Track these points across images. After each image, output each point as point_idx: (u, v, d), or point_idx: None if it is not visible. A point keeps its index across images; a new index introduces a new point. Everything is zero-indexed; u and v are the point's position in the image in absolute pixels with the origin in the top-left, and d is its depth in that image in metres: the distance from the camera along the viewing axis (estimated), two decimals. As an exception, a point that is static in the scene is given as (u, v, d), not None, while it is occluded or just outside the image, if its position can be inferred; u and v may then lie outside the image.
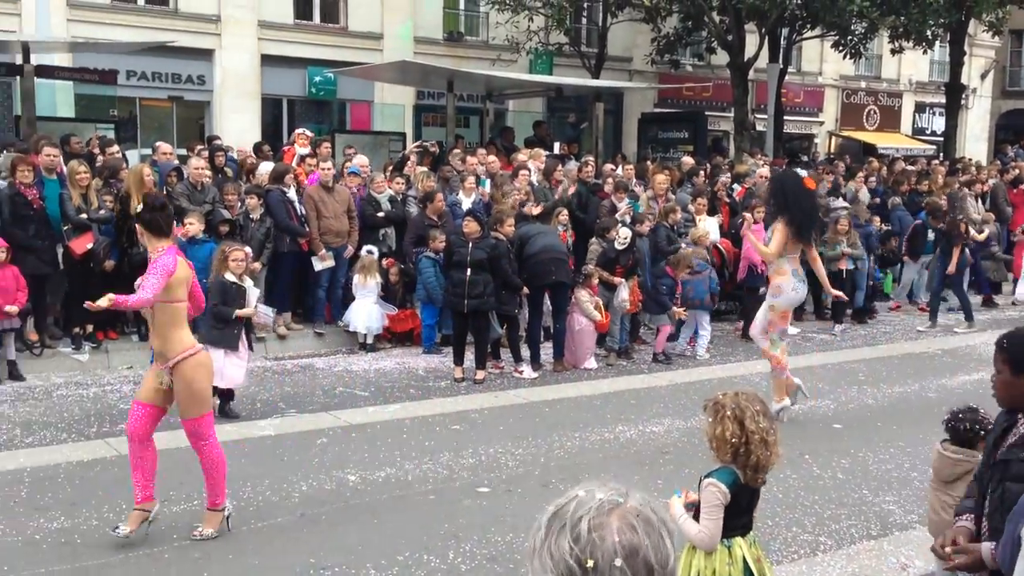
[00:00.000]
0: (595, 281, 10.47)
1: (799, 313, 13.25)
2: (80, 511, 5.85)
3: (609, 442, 7.68)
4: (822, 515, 6.14)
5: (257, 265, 10.40)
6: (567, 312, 10.36)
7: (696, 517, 3.70)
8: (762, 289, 9.80)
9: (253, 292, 8.44)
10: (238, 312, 8.07)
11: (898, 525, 5.97)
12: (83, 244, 9.49)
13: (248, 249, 8.76)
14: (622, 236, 10.58)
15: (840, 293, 9.60)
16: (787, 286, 8.11)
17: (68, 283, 9.84)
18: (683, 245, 11.54)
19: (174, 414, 5.65)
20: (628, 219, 11.32)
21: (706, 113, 22.81)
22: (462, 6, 22.91)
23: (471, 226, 9.58)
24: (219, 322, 8.00)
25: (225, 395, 8.17)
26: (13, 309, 8.79)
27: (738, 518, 3.74)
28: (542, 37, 21.48)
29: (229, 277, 8.13)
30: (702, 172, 14.49)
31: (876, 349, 11.88)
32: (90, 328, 9.90)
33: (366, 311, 10.82)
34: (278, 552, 5.40)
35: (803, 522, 6.00)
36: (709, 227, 12.11)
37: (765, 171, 14.18)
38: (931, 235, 13.66)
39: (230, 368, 8.01)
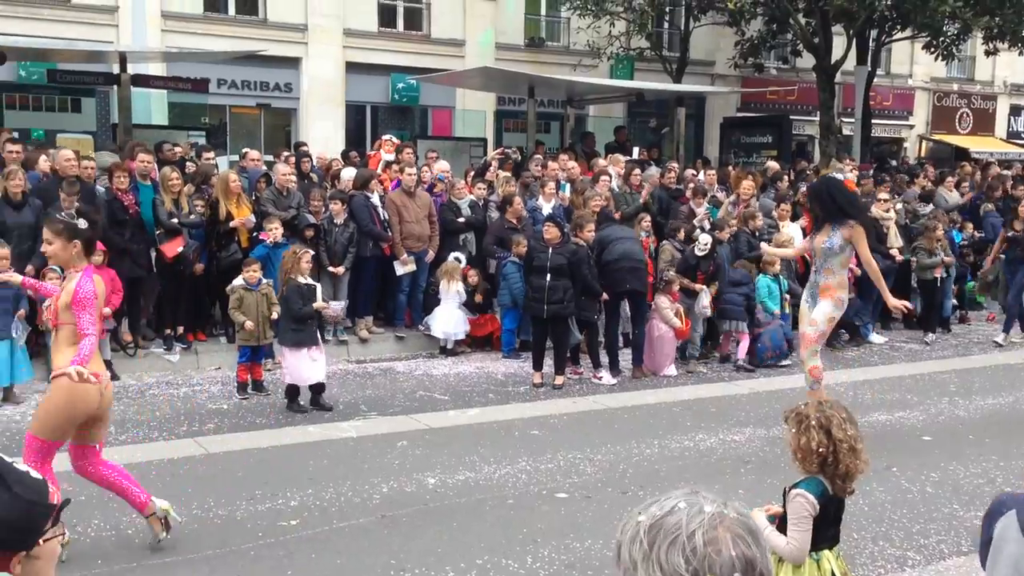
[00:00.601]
0: (675, 288, 10.38)
1: (886, 322, 12.97)
2: (175, 508, 6.01)
3: (689, 450, 7.61)
4: (910, 530, 5.97)
5: (341, 269, 10.60)
6: (647, 319, 10.30)
7: (780, 529, 3.64)
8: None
9: (319, 290, 8.79)
10: (314, 306, 8.50)
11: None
12: (174, 248, 9.79)
13: (311, 252, 9.09)
14: (702, 242, 10.48)
15: (903, 304, 8.28)
16: (847, 296, 7.86)
17: (160, 286, 10.15)
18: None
19: (258, 416, 5.76)
20: (706, 224, 11.21)
21: (791, 117, 22.43)
22: (543, 12, 22.99)
23: (552, 232, 9.59)
24: (298, 323, 8.36)
25: (316, 390, 8.53)
26: (106, 311, 9.08)
27: (826, 530, 3.67)
28: (623, 42, 21.40)
29: (301, 279, 8.50)
30: (786, 177, 14.25)
31: (967, 360, 11.51)
32: (181, 330, 10.20)
33: (448, 316, 10.92)
34: (359, 552, 5.48)
35: (891, 536, 5.85)
36: (792, 233, 11.90)
37: (852, 176, 13.88)
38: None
39: (312, 366, 8.40)
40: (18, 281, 6.30)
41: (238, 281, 9.00)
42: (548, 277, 9.43)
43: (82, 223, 5.21)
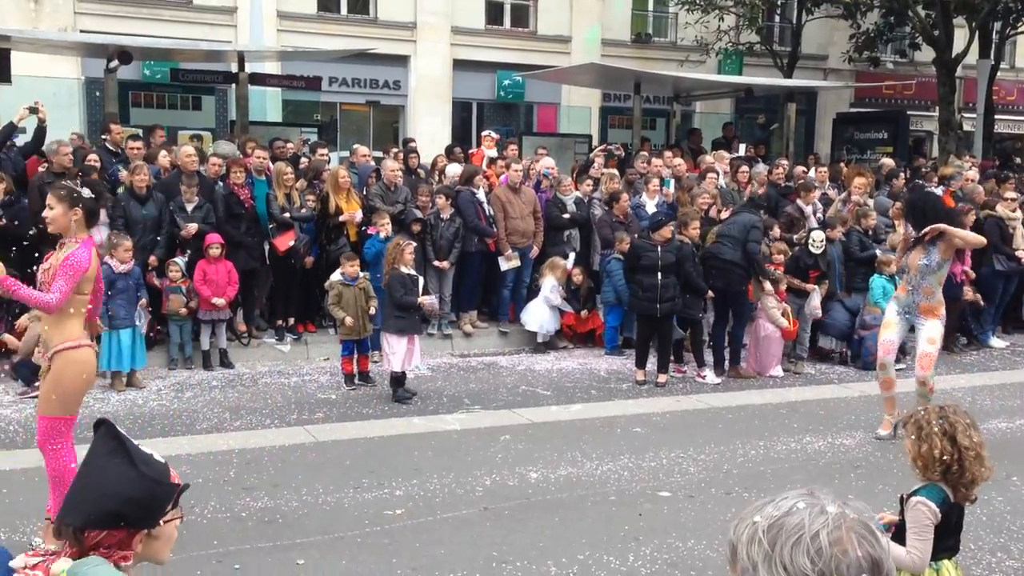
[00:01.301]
0: (783, 287, 10.18)
1: (1008, 326, 12.44)
2: (282, 492, 6.22)
3: (795, 452, 7.46)
4: (1030, 542, 5.73)
5: (446, 264, 10.75)
6: (751, 318, 10.13)
7: (896, 538, 3.54)
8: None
9: (421, 281, 9.03)
10: (420, 300, 8.73)
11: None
12: (286, 241, 10.08)
13: (414, 243, 9.28)
14: (817, 240, 10.25)
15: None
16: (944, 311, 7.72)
17: (273, 278, 10.48)
18: (879, 252, 11.03)
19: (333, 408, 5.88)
20: (814, 223, 10.97)
21: (908, 112, 21.66)
22: (651, 7, 22.80)
23: (664, 232, 9.53)
24: (402, 311, 8.60)
25: (398, 380, 8.74)
26: (220, 301, 9.44)
27: (946, 539, 3.56)
28: (732, 37, 21.04)
29: (404, 269, 8.72)
30: (901, 175, 13.78)
31: (1096, 366, 10.96)
32: (291, 321, 10.51)
33: (540, 311, 10.94)
34: (462, 543, 5.56)
35: (1009, 548, 5.62)
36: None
37: (973, 173, 13.33)
38: None
39: (412, 353, 8.69)
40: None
41: (335, 276, 9.22)
42: (659, 276, 9.40)
43: (86, 192, 5.17)
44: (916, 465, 3.55)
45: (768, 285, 9.94)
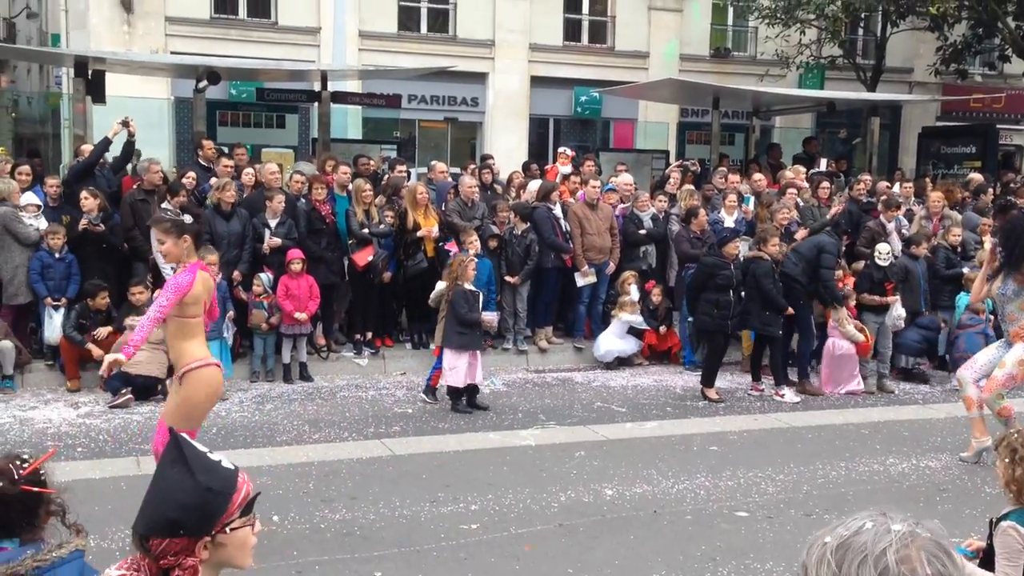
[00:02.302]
0: (852, 302, 10.03)
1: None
2: (359, 505, 6.31)
3: (878, 474, 7.29)
4: None
5: (517, 279, 10.79)
6: (810, 334, 10.10)
7: (984, 564, 3.44)
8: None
9: (481, 297, 9.16)
10: (483, 316, 8.91)
11: None
12: (364, 256, 10.24)
13: (475, 260, 9.40)
14: (883, 253, 10.06)
15: None
16: None
17: (351, 292, 10.65)
18: (966, 269, 10.75)
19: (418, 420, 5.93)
20: (896, 240, 10.80)
21: (997, 126, 21.04)
22: (730, 22, 22.62)
23: (731, 248, 9.57)
24: (465, 327, 8.73)
25: (472, 391, 8.91)
26: (302, 316, 9.63)
27: None
28: (814, 50, 20.74)
29: (467, 286, 8.85)
30: (990, 190, 13.40)
31: None
32: (369, 335, 10.66)
33: (610, 342, 10.88)
34: (537, 559, 5.56)
35: (1105, 579, 5.40)
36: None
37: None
38: None
39: (473, 367, 8.81)
40: (123, 359, 5.42)
41: (441, 287, 9.30)
42: (732, 293, 9.45)
43: (187, 218, 5.41)
44: (1010, 489, 3.45)
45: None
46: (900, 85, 22.73)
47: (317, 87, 14.60)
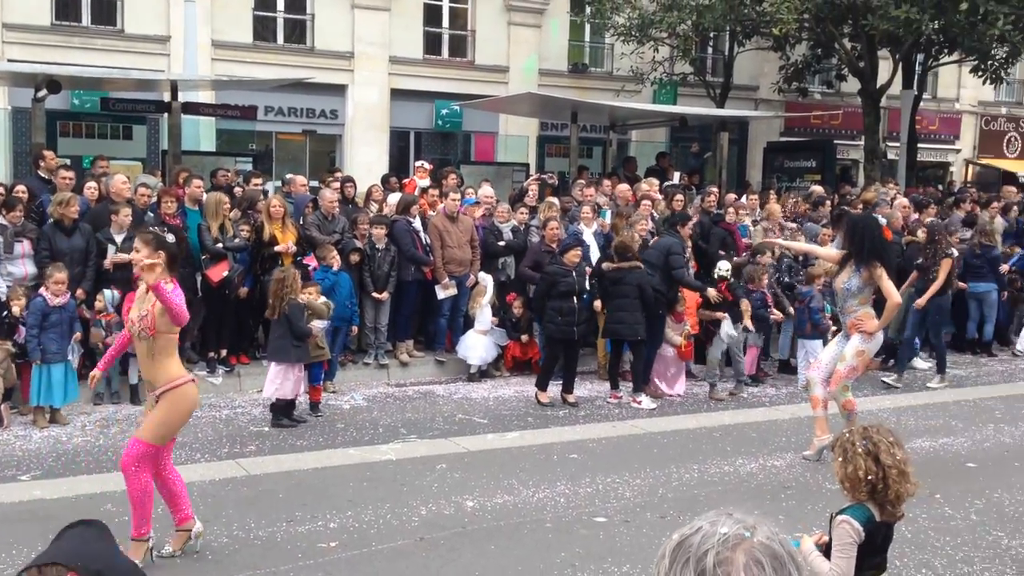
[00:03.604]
0: (680, 308, 10.41)
1: (931, 349, 12.78)
2: (212, 528, 6.09)
3: (729, 475, 7.55)
4: (954, 557, 5.87)
5: (385, 295, 10.71)
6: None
7: (827, 555, 3.60)
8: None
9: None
10: (313, 324, 8.89)
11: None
12: (219, 272, 9.95)
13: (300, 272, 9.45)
14: (722, 269, 10.47)
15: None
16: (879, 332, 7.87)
17: (205, 309, 10.32)
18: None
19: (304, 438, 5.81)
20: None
21: (835, 142, 22.25)
22: (587, 38, 23.11)
23: (572, 256, 9.88)
24: (298, 339, 8.71)
25: (290, 405, 8.87)
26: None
27: (872, 557, 3.63)
28: (667, 67, 21.43)
29: (302, 299, 8.87)
30: (829, 202, 14.14)
31: (1014, 386, 11.30)
32: (224, 352, 10.35)
33: (476, 342, 10.95)
34: (398, 574, 5.51)
35: (933, 564, 5.75)
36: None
37: (902, 201, 13.72)
38: None
39: (299, 381, 8.82)
40: (99, 376, 6.14)
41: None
42: (575, 300, 9.79)
43: (170, 237, 5.43)
44: (844, 486, 3.62)
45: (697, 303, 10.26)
46: (747, 102, 23.73)
47: (167, 97, 14.13)
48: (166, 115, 14.53)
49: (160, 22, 18.44)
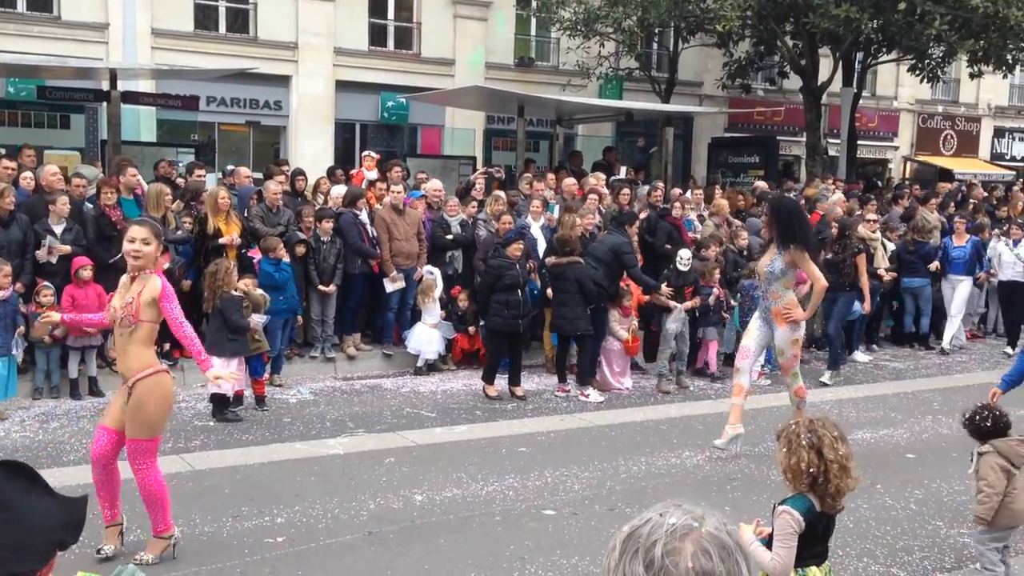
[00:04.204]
0: (626, 302, 10.50)
1: (872, 339, 13.08)
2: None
3: (676, 467, 7.63)
4: (894, 546, 6.00)
5: (332, 288, 10.61)
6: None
7: (769, 545, 3.66)
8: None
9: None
10: (252, 318, 8.78)
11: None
12: (161, 264, 9.74)
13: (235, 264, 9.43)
14: (684, 258, 10.57)
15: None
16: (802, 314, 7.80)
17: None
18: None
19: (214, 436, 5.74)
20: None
21: (777, 138, 22.57)
22: (533, 32, 23.12)
23: (515, 249, 9.90)
24: (236, 333, 8.61)
25: (224, 401, 8.70)
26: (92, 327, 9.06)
27: (813, 547, 3.69)
28: (612, 62, 21.53)
29: (235, 292, 8.77)
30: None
31: (951, 378, 11.59)
32: (167, 346, 10.16)
33: (425, 334, 10.92)
34: (346, 570, 5.47)
35: (875, 553, 5.88)
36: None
37: (836, 197, 13.96)
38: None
39: (241, 377, 8.62)
40: (57, 319, 6.21)
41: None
42: (520, 292, 9.82)
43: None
44: (786, 477, 3.68)
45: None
46: (692, 98, 23.97)
47: (106, 86, 13.80)
48: (105, 104, 14.20)
49: (98, 9, 18.01)
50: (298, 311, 10.26)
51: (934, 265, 13.07)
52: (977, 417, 5.24)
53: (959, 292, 13.09)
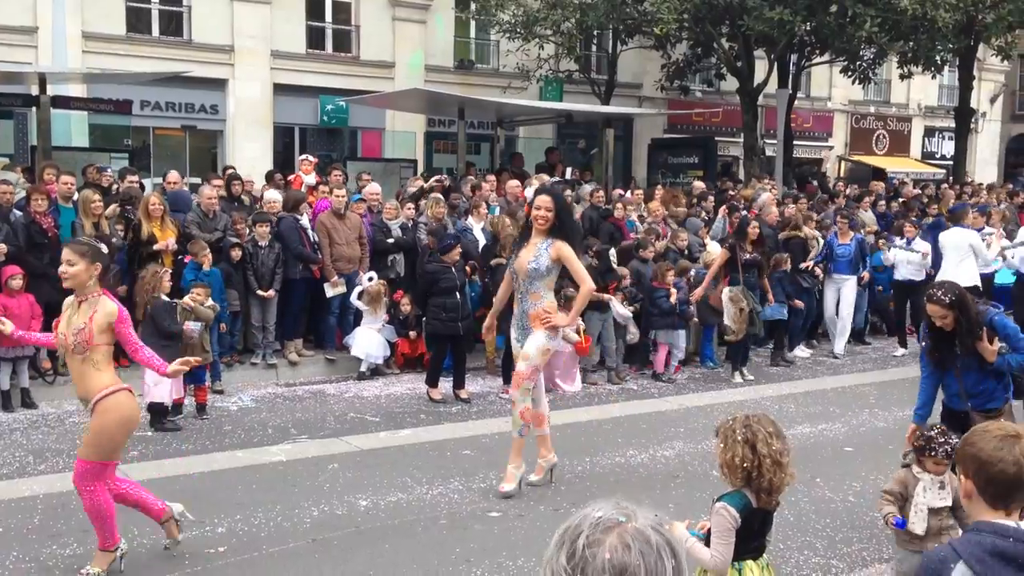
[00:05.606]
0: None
1: (813, 334, 13.30)
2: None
3: (620, 466, 7.67)
4: (834, 538, 6.11)
5: (271, 292, 10.48)
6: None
7: (708, 541, 3.69)
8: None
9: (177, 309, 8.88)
10: (186, 325, 8.63)
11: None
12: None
13: (169, 270, 9.29)
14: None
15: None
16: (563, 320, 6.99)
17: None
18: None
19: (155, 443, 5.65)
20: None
21: (716, 138, 22.89)
22: (473, 35, 23.12)
23: (454, 254, 9.94)
24: (166, 339, 8.42)
25: (163, 411, 8.54)
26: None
27: (750, 541, 3.73)
28: (552, 65, 21.64)
29: (165, 297, 8.67)
30: (710, 197, 14.53)
31: (886, 372, 11.85)
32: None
33: (368, 339, 10.84)
34: (289, 577, 5.40)
35: (815, 545, 5.97)
36: (716, 251, 12.12)
37: (766, 197, 14.13)
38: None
39: (177, 383, 8.42)
40: (8, 331, 5.61)
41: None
42: (458, 295, 9.83)
43: (103, 247, 5.41)
44: (723, 472, 3.72)
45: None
46: (631, 99, 24.18)
47: (35, 91, 13.47)
48: (35, 109, 13.86)
49: (26, 12, 17.57)
50: (223, 319, 10.02)
51: (807, 264, 12.45)
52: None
53: (846, 293, 12.52)
